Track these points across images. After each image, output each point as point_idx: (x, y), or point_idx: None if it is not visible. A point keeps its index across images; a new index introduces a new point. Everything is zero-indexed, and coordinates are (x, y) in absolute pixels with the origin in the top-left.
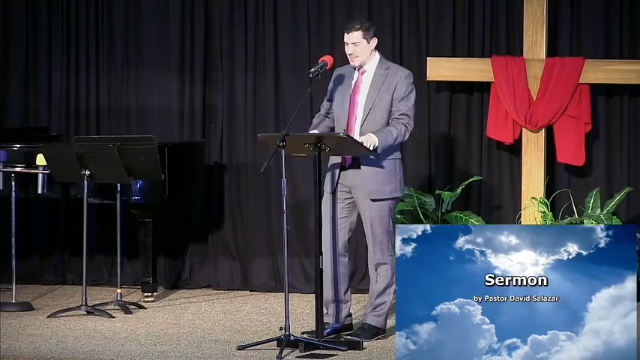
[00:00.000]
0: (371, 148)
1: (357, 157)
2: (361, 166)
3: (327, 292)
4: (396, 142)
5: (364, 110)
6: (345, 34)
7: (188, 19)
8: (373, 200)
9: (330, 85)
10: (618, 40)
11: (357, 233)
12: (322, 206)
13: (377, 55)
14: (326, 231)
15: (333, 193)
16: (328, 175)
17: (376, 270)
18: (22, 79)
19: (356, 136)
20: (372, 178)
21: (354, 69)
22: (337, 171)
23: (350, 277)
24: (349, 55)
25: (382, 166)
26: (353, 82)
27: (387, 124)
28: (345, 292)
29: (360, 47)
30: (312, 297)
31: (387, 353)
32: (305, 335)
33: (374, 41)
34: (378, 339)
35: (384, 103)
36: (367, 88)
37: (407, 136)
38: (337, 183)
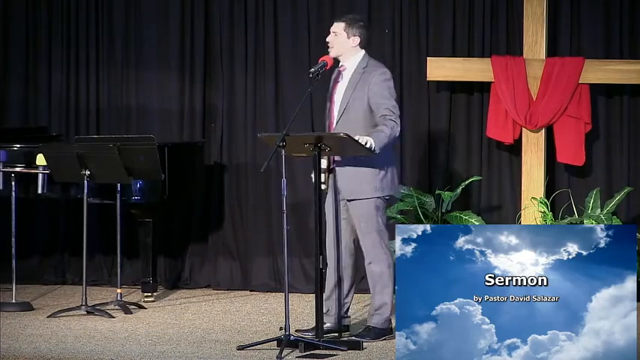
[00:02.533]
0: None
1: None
2: (338, 168)
3: (330, 292)
4: (390, 139)
5: (339, 110)
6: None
7: (188, 19)
8: (350, 200)
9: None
10: (618, 40)
11: None
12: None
13: (360, 55)
14: (327, 232)
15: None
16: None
17: (369, 269)
18: (22, 79)
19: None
20: (350, 179)
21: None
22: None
23: (353, 278)
24: (327, 43)
25: (360, 166)
26: (332, 80)
27: (363, 124)
28: (347, 294)
29: (338, 39)
30: (312, 297)
31: (387, 353)
32: (298, 334)
33: (355, 40)
34: (385, 339)
35: (358, 103)
36: (344, 87)
37: (398, 132)
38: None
